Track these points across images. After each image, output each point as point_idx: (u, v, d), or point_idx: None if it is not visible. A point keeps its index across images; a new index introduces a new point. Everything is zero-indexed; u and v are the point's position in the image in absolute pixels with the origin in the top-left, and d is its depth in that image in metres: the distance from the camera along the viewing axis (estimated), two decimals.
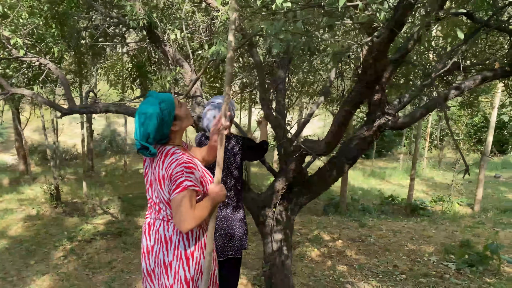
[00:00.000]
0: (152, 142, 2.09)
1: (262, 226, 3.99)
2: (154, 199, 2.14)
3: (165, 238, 2.11)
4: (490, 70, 3.01)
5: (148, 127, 2.04)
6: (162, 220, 2.13)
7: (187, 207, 1.92)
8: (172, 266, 2.14)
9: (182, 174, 1.97)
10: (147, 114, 2.07)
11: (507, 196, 10.17)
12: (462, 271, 4.95)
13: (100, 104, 4.05)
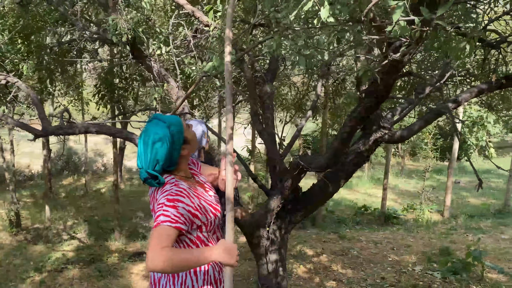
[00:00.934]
0: (159, 170, 1.89)
1: (257, 248, 3.84)
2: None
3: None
4: (485, 83, 3.06)
5: (158, 153, 1.84)
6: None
7: (154, 245, 1.62)
8: None
9: (161, 207, 1.74)
10: (156, 139, 1.86)
11: (470, 201, 10.58)
12: (447, 279, 5.01)
13: (79, 124, 3.78)
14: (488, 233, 7.01)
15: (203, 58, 3.09)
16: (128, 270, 5.36)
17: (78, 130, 3.75)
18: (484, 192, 11.78)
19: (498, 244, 6.35)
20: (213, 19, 3.22)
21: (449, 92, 3.62)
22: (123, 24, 3.37)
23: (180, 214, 1.74)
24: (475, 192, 12.08)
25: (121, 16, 3.42)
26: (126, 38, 3.41)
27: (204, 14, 3.65)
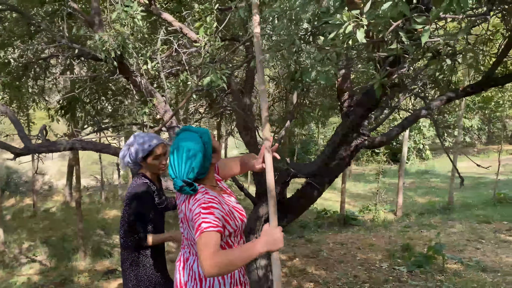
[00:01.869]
0: (192, 179, 2.01)
1: None
2: (186, 235, 2.05)
3: (199, 276, 2.00)
4: (453, 91, 3.45)
5: (193, 162, 1.96)
6: (196, 257, 2.03)
7: (205, 254, 1.72)
8: None
9: (199, 216, 1.85)
10: (191, 149, 1.97)
11: (416, 200, 11.36)
12: (413, 272, 5.42)
13: (63, 141, 3.73)
14: (439, 228, 7.61)
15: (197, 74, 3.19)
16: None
17: (62, 147, 3.69)
18: (427, 191, 12.69)
19: (450, 237, 6.93)
20: (203, 36, 3.34)
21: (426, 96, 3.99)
22: (111, 40, 3.40)
23: (218, 219, 1.83)
24: (419, 191, 13.00)
25: (109, 33, 3.45)
26: (114, 54, 3.44)
27: (191, 31, 3.77)
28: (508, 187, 11.11)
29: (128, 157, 2.60)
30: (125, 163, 2.64)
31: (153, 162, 2.60)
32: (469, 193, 11.35)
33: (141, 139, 2.59)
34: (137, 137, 2.60)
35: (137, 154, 2.55)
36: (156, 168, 2.64)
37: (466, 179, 13.65)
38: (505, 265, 5.47)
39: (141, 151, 2.55)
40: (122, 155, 2.63)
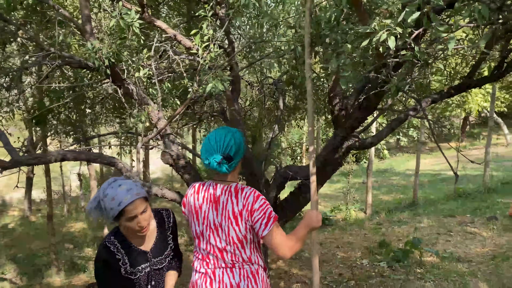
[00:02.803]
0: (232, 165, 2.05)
1: None
2: (218, 245, 2.05)
3: (231, 287, 2.05)
4: (437, 93, 3.68)
5: (236, 142, 2.03)
6: (225, 268, 2.07)
7: (284, 237, 2.00)
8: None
9: (266, 205, 2.01)
10: (236, 133, 2.09)
11: (382, 198, 11.79)
12: (393, 267, 5.66)
13: (54, 152, 3.61)
14: (409, 224, 7.97)
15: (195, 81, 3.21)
16: None
17: (54, 158, 3.58)
18: (390, 189, 13.21)
19: (421, 232, 7.27)
20: (199, 43, 3.36)
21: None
22: (106, 49, 3.35)
23: None
24: (383, 189, 13.50)
25: (104, 41, 3.40)
26: (108, 62, 3.39)
27: (185, 38, 3.78)
28: (465, 182, 11.79)
29: (98, 212, 1.97)
30: (95, 217, 2.02)
31: (126, 224, 1.95)
32: (431, 189, 11.93)
33: (111, 192, 1.90)
34: (107, 189, 1.93)
35: (107, 211, 1.93)
36: (132, 230, 1.99)
37: (426, 176, 14.36)
38: (476, 255, 5.83)
39: (109, 210, 1.91)
40: (89, 208, 2.00)
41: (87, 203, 2.28)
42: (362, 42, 2.07)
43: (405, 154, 23.92)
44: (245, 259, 2.06)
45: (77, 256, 7.71)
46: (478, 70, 3.90)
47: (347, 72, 2.15)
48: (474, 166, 14.40)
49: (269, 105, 5.27)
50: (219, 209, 2.04)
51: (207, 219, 2.07)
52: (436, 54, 2.89)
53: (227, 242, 2.02)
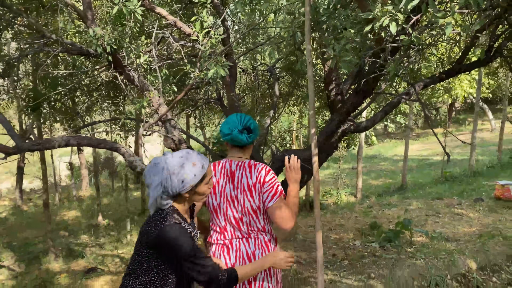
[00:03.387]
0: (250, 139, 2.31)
1: None
2: (235, 214, 2.25)
3: (247, 255, 2.25)
4: (429, 78, 3.83)
5: (256, 128, 2.35)
6: (241, 238, 2.27)
7: (288, 209, 2.23)
8: (257, 279, 2.27)
9: (275, 180, 2.26)
10: (254, 120, 2.36)
11: (371, 182, 12.05)
12: (385, 247, 5.86)
13: (58, 138, 3.68)
14: (399, 206, 8.20)
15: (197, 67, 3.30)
16: (89, 287, 5.20)
17: (57, 144, 3.65)
18: (379, 174, 13.48)
19: (410, 214, 7.50)
20: (200, 30, 3.45)
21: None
22: (108, 35, 3.41)
23: None
24: (372, 174, 13.77)
25: (106, 28, 3.46)
26: (110, 48, 3.46)
27: (185, 24, 3.85)
28: (451, 166, 12.10)
29: (169, 189, 1.78)
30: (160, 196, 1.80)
31: (202, 189, 1.86)
32: (418, 174, 12.21)
33: (190, 159, 1.81)
34: (175, 157, 1.80)
35: (185, 183, 1.78)
36: (203, 196, 1.91)
37: (414, 161, 14.66)
38: (463, 234, 6.07)
39: (192, 177, 1.78)
40: (156, 190, 1.79)
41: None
42: (362, 27, 2.20)
43: (393, 140, 24.30)
44: (259, 228, 2.27)
45: (74, 243, 7.79)
46: (467, 56, 4.06)
47: (348, 57, 2.26)
48: (461, 151, 14.76)
49: (263, 91, 5.38)
50: (235, 182, 2.26)
51: (224, 192, 2.26)
52: (434, 39, 3.03)
53: (243, 212, 2.23)
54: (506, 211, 7.11)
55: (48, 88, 5.52)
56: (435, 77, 3.76)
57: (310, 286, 4.63)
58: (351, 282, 4.62)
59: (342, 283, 4.58)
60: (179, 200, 1.86)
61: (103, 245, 7.54)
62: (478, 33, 2.57)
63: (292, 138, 13.21)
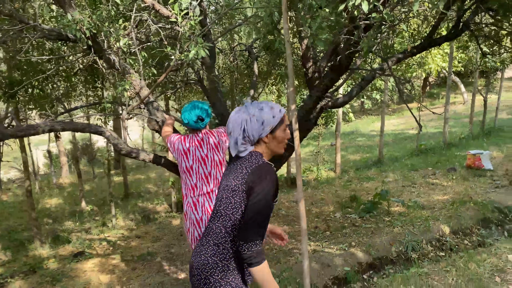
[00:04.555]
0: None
1: None
2: (205, 170, 2.97)
3: (211, 209, 2.86)
4: (402, 53, 3.99)
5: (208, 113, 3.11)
6: (205, 194, 2.95)
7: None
8: None
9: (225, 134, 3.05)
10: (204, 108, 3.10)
11: (350, 157, 12.35)
12: (364, 217, 6.13)
13: (41, 124, 3.71)
14: (376, 179, 8.50)
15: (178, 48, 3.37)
16: (79, 270, 5.29)
17: (41, 129, 3.68)
18: (357, 149, 13.80)
19: (388, 185, 7.80)
20: (178, 12, 3.50)
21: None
22: (88, 20, 3.43)
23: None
24: (350, 150, 14.08)
25: (84, 12, 3.48)
26: (90, 33, 3.48)
27: (164, 7, 3.88)
28: (425, 139, 12.50)
29: (250, 133, 1.81)
30: (241, 139, 1.83)
31: (280, 135, 1.86)
32: (395, 148, 12.57)
33: (265, 105, 1.84)
34: (255, 106, 1.84)
35: (264, 124, 1.80)
36: (281, 144, 1.90)
37: (390, 136, 15.01)
38: (438, 202, 6.38)
39: (270, 119, 1.81)
40: (237, 131, 1.83)
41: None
42: (336, 6, 2.32)
43: (369, 116, 24.74)
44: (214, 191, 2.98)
45: (59, 229, 7.83)
46: (437, 30, 4.24)
47: (324, 35, 2.38)
48: (435, 124, 15.20)
49: (241, 70, 5.47)
50: (203, 145, 3.00)
51: (195, 155, 2.97)
52: (405, 15, 3.18)
53: (212, 166, 2.95)
54: (477, 179, 7.47)
55: (25, 74, 5.47)
56: (407, 51, 3.92)
57: (294, 256, 4.84)
58: (333, 251, 4.85)
59: (325, 252, 4.81)
60: (259, 147, 1.87)
61: (89, 230, 7.60)
62: (446, 9, 2.72)
63: None
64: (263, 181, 1.74)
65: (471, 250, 4.62)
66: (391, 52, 4.05)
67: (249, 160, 1.82)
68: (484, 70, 11.96)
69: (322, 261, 4.54)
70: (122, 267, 5.25)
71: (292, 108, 2.70)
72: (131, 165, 17.12)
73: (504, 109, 15.91)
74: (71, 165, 16.55)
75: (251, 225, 1.72)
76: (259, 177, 1.74)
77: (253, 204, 1.73)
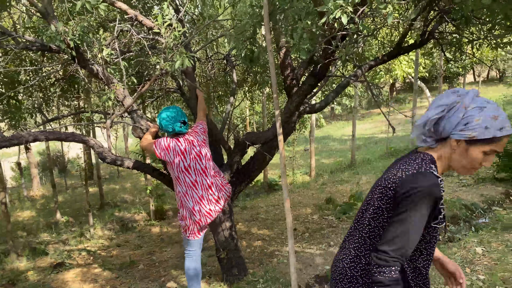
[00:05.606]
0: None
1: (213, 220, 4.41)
2: (202, 166, 3.35)
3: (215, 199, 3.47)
4: (373, 60, 4.23)
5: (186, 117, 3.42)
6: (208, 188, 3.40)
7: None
8: None
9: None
10: (182, 112, 3.45)
11: (323, 161, 12.65)
12: (340, 218, 6.36)
13: (25, 133, 3.74)
14: (350, 182, 8.78)
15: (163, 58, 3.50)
16: (60, 280, 5.26)
17: (25, 139, 3.71)
18: (330, 154, 14.14)
19: (361, 187, 8.09)
20: (161, 23, 3.62)
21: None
22: (71, 31, 3.51)
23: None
24: (323, 154, 14.40)
25: (69, 24, 3.55)
26: (74, 44, 3.56)
27: (146, 18, 3.99)
28: (395, 142, 12.96)
29: (444, 123, 1.43)
30: (431, 123, 1.45)
31: (478, 156, 1.42)
32: (366, 151, 12.97)
33: (492, 108, 1.38)
34: (480, 97, 1.43)
35: (467, 125, 1.38)
36: (469, 165, 1.47)
37: (361, 140, 15.43)
38: None
39: (483, 126, 1.36)
40: (434, 111, 1.44)
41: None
42: (314, 18, 2.51)
43: (340, 121, 25.31)
44: (216, 171, 3.56)
45: (35, 241, 7.69)
46: (405, 39, 4.51)
47: (305, 44, 2.57)
48: (403, 128, 15.74)
49: (220, 79, 5.61)
50: (195, 144, 3.36)
51: (192, 154, 3.31)
52: (377, 26, 3.41)
53: (206, 160, 3.36)
54: (445, 179, 7.85)
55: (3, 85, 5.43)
56: (378, 59, 4.17)
57: (276, 258, 4.99)
58: (313, 251, 5.04)
59: (306, 252, 4.99)
60: (440, 150, 1.49)
61: (66, 241, 7.51)
62: (413, 20, 2.96)
63: (246, 123, 13.54)
64: (411, 196, 1.37)
65: (442, 245, 4.90)
66: (363, 60, 4.29)
67: (412, 161, 1.46)
68: (448, 75, 12.54)
69: (303, 261, 4.71)
70: (105, 276, 5.26)
71: (277, 113, 2.86)
72: (104, 175, 16.88)
73: None
74: (42, 176, 16.17)
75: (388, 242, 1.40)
76: (408, 190, 1.38)
77: (394, 221, 1.41)
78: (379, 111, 23.27)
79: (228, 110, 4.78)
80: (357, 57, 4.86)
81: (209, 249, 5.82)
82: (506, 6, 2.47)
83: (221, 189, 3.52)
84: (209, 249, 5.82)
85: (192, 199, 3.32)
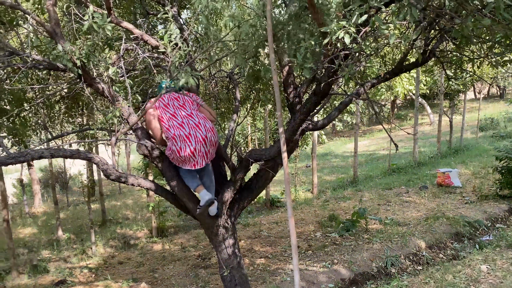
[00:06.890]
0: None
1: (215, 237, 4.41)
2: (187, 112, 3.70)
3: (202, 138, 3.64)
4: (375, 78, 4.28)
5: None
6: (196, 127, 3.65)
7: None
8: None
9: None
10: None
11: (325, 178, 12.62)
12: (344, 236, 6.33)
13: (31, 151, 3.77)
14: (353, 198, 8.76)
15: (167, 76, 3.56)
16: None
17: (31, 156, 3.74)
18: (332, 170, 14.12)
19: (364, 204, 8.07)
20: (167, 43, 3.69)
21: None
22: (78, 51, 3.58)
23: None
24: (325, 171, 14.39)
25: (76, 43, 3.62)
26: (81, 62, 3.63)
27: (151, 37, 4.07)
28: (397, 159, 12.96)
29: None
30: None
31: None
32: (368, 167, 12.95)
33: None
34: None
35: None
36: None
37: (362, 156, 15.42)
38: (412, 219, 6.67)
39: None
40: None
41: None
42: (318, 38, 2.56)
43: (341, 138, 25.34)
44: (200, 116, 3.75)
45: (36, 259, 7.65)
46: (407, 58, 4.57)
47: (309, 64, 2.62)
48: (404, 145, 15.75)
49: (222, 96, 5.67)
50: (179, 99, 3.77)
51: (174, 105, 3.69)
52: (379, 45, 3.47)
53: (190, 108, 3.71)
54: (448, 196, 7.84)
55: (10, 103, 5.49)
56: (380, 77, 4.22)
57: (280, 276, 4.96)
58: (316, 269, 5.01)
59: (309, 270, 4.96)
60: None
61: (68, 258, 7.47)
62: (415, 39, 3.02)
63: (248, 140, 13.57)
64: None
65: (446, 263, 4.88)
66: (365, 78, 4.34)
67: None
68: (448, 92, 12.62)
69: (307, 279, 4.69)
70: None
71: (281, 131, 2.89)
72: (106, 192, 16.87)
73: (468, 129, 16.68)
74: (43, 193, 16.16)
75: None
76: None
77: None
78: (380, 128, 23.29)
79: (232, 127, 4.82)
80: (359, 75, 4.92)
81: (212, 266, 5.79)
82: (506, 26, 2.52)
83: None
84: (212, 267, 5.79)
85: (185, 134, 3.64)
